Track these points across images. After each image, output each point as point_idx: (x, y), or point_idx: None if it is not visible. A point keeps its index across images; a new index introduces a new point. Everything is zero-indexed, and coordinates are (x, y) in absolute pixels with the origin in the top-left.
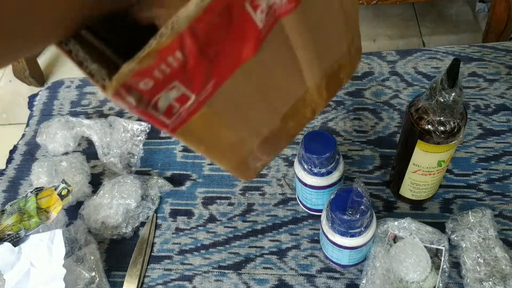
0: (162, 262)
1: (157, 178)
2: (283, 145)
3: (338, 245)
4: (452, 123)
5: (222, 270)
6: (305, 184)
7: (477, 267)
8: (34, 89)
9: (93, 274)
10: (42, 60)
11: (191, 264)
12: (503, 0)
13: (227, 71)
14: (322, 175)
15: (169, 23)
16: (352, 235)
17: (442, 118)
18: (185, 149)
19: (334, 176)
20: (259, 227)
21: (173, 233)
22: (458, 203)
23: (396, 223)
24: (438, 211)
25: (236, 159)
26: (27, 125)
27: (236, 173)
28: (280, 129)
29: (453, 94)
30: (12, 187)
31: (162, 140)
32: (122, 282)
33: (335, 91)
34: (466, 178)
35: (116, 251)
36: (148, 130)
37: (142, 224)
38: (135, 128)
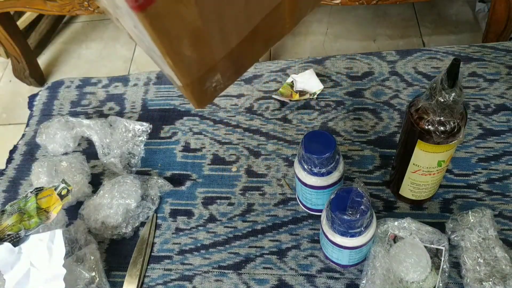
0: (162, 262)
1: (157, 178)
2: (245, 67)
3: (338, 245)
4: (452, 123)
5: (222, 270)
6: (305, 184)
7: (477, 267)
8: (34, 89)
9: (93, 274)
10: (42, 60)
11: (191, 264)
12: (503, 0)
13: None
14: (322, 175)
15: None
16: (352, 235)
17: (442, 118)
18: (185, 149)
19: (334, 176)
20: (259, 227)
21: (173, 233)
22: (458, 203)
23: (396, 223)
24: (438, 211)
25: (197, 72)
26: (27, 125)
27: (191, 93)
28: (247, 45)
29: (453, 94)
30: (12, 187)
31: (162, 140)
32: (122, 282)
33: (303, 15)
34: (466, 178)
35: (116, 251)
36: (149, 131)
37: (142, 224)
38: (136, 128)
